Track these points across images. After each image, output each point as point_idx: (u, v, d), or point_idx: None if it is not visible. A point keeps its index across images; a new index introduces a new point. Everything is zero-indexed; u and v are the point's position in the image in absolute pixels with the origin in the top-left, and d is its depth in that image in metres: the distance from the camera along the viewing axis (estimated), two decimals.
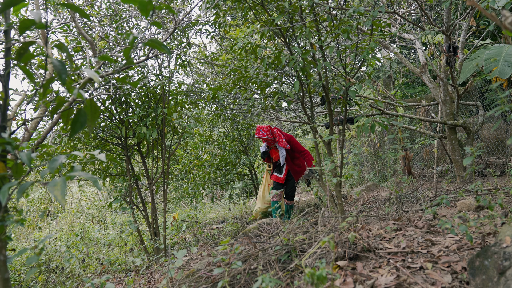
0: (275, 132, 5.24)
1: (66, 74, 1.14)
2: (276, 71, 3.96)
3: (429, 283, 1.63)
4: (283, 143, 5.21)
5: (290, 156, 5.37)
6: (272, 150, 5.50)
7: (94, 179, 1.19)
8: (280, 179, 5.53)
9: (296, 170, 5.37)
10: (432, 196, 3.93)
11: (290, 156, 5.37)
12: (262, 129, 5.12)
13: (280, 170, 5.55)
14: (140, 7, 1.20)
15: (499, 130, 6.07)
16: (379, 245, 2.19)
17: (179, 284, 2.30)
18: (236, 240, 3.15)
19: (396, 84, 9.36)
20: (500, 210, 2.68)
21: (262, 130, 5.12)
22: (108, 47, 4.53)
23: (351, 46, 3.15)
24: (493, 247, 1.51)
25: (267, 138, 5.10)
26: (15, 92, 3.33)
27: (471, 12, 4.53)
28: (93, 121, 1.25)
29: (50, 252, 5.10)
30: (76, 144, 4.76)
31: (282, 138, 5.23)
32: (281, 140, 5.23)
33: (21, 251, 1.37)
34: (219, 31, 5.22)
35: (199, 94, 5.54)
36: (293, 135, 12.60)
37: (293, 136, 5.70)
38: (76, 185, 11.86)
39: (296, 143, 5.38)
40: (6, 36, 1.24)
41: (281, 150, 5.24)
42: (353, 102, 3.48)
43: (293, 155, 5.38)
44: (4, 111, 1.26)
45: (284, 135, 5.37)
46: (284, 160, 5.25)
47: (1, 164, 1.17)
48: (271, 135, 5.13)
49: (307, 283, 1.35)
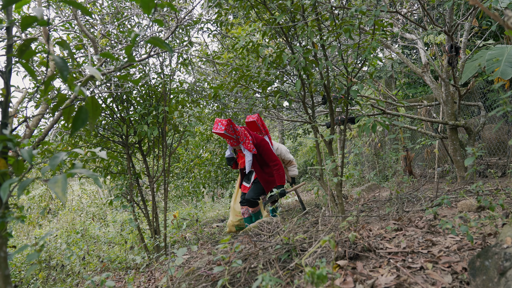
0: (239, 131, 4.28)
1: (67, 72, 1.14)
2: (278, 70, 3.96)
3: (430, 283, 1.63)
4: (249, 145, 4.28)
5: (260, 163, 4.48)
6: (239, 154, 4.69)
7: (95, 177, 1.19)
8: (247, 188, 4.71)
9: (267, 180, 4.46)
10: (433, 197, 3.93)
11: (259, 162, 4.48)
12: (220, 123, 4.14)
13: (248, 179, 4.75)
14: (142, 5, 1.20)
15: (500, 131, 6.06)
16: (380, 245, 2.19)
17: (179, 282, 2.30)
18: (237, 238, 3.15)
19: (397, 84, 9.34)
20: (501, 210, 2.68)
21: (220, 124, 4.14)
22: (109, 45, 4.53)
23: (353, 46, 3.14)
24: (494, 248, 1.50)
25: (226, 135, 4.17)
26: (17, 89, 3.33)
27: (473, 12, 4.51)
28: (94, 119, 1.25)
29: (50, 249, 5.11)
30: (77, 141, 4.77)
31: (248, 140, 4.29)
32: (247, 142, 4.29)
33: (21, 248, 1.37)
34: (221, 30, 5.22)
35: (200, 93, 5.53)
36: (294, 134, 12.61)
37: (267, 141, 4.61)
38: (77, 183, 11.88)
39: (268, 150, 4.43)
40: (8, 33, 1.24)
41: (246, 154, 4.34)
42: (354, 102, 3.48)
43: (264, 162, 4.49)
44: (6, 108, 1.26)
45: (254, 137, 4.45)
46: (250, 166, 4.33)
47: (2, 161, 1.17)
48: (231, 132, 4.18)
49: (307, 282, 1.35)
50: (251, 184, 4.60)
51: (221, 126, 4.09)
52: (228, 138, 4.22)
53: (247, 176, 4.77)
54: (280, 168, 4.36)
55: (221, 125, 4.10)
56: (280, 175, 4.33)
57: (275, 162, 4.39)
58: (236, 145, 4.30)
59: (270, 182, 4.44)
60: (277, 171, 4.35)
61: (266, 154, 4.41)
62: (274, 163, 4.39)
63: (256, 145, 4.39)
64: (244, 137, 4.26)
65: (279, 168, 4.36)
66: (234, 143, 4.28)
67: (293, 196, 8.37)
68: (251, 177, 4.66)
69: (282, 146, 5.27)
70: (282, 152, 5.23)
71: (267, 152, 4.42)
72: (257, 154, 4.38)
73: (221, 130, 4.08)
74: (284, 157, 5.24)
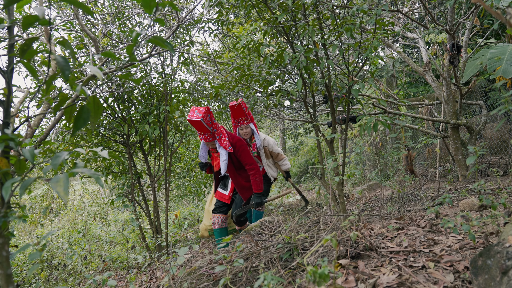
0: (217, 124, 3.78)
1: (69, 71, 1.14)
2: (279, 69, 3.96)
3: (431, 282, 1.63)
4: (225, 142, 3.74)
5: (235, 166, 3.91)
6: (214, 155, 4.08)
7: (96, 176, 1.19)
8: (225, 197, 4.06)
9: (243, 185, 3.88)
10: (434, 196, 3.93)
11: (234, 165, 3.91)
12: (197, 110, 3.57)
13: (225, 185, 4.14)
14: (144, 4, 1.20)
15: (502, 129, 6.05)
16: (381, 244, 2.19)
17: (181, 282, 2.30)
18: (238, 238, 3.15)
19: (399, 83, 9.33)
20: (503, 209, 2.67)
21: (197, 111, 3.56)
22: (111, 45, 4.54)
23: (354, 45, 3.14)
24: (496, 247, 1.50)
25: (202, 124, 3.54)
26: (18, 89, 3.34)
27: (475, 11, 4.50)
28: (96, 118, 1.25)
29: (52, 249, 5.12)
30: (78, 141, 4.78)
31: (224, 136, 3.78)
32: (223, 139, 3.76)
33: (23, 247, 1.38)
34: (222, 29, 5.22)
35: (202, 92, 5.54)
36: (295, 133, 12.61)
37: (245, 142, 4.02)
38: (79, 183, 11.90)
39: (244, 151, 3.85)
40: (9, 33, 1.24)
41: (221, 153, 3.75)
42: (355, 101, 3.48)
43: (240, 165, 3.95)
44: (7, 107, 1.26)
45: (230, 136, 3.92)
46: (225, 168, 3.75)
47: (4, 160, 1.17)
48: (208, 122, 3.61)
49: (309, 281, 1.35)
50: (229, 192, 4.00)
51: (198, 113, 3.51)
52: (203, 131, 3.61)
53: (223, 181, 4.16)
54: (257, 173, 3.79)
55: (198, 112, 3.53)
56: (257, 182, 3.76)
57: (251, 166, 3.80)
58: (211, 140, 3.69)
59: (246, 188, 3.86)
60: (254, 176, 3.77)
61: (241, 155, 3.83)
62: (250, 167, 3.80)
63: (232, 145, 3.85)
64: (220, 134, 3.74)
65: (256, 173, 3.78)
66: (209, 138, 3.67)
67: (295, 195, 8.36)
68: (227, 182, 4.07)
69: (269, 138, 4.84)
70: (270, 144, 4.78)
71: (243, 153, 3.84)
72: (232, 156, 3.83)
73: (198, 117, 3.48)
74: (272, 149, 4.80)
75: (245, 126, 4.45)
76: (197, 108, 3.59)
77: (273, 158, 4.85)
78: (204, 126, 3.56)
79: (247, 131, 4.44)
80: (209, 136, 3.67)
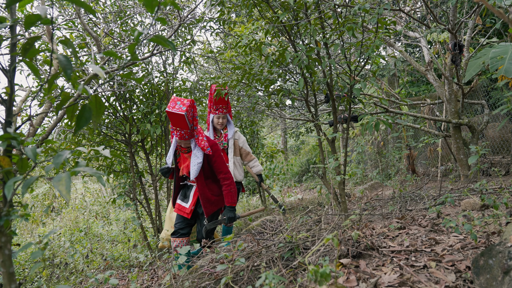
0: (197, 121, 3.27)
1: (71, 70, 1.14)
2: (281, 68, 3.96)
3: (433, 282, 1.63)
4: (203, 143, 3.22)
5: (205, 174, 3.32)
6: (183, 155, 3.37)
7: (98, 175, 1.19)
8: (186, 210, 3.36)
9: (209, 198, 3.29)
10: (436, 195, 3.92)
11: (205, 172, 3.31)
12: (181, 102, 3.00)
13: (186, 196, 3.42)
14: (146, 3, 1.20)
15: (504, 129, 6.04)
16: (383, 244, 2.19)
17: (182, 281, 2.31)
18: (239, 237, 3.15)
19: (400, 83, 9.32)
20: (505, 209, 2.67)
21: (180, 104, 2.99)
22: (113, 44, 4.55)
23: (356, 44, 3.14)
24: (497, 246, 1.50)
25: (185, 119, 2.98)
26: (20, 88, 3.34)
27: (477, 10, 4.49)
28: (98, 117, 1.25)
29: (54, 247, 5.14)
30: (80, 140, 4.79)
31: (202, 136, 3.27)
32: (201, 138, 3.25)
33: (25, 245, 1.38)
34: (223, 28, 5.22)
35: (203, 91, 5.54)
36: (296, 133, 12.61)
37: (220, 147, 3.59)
38: (80, 181, 11.92)
39: (220, 157, 3.33)
40: (12, 32, 1.24)
41: (196, 155, 3.19)
42: (357, 100, 3.47)
43: (211, 174, 3.38)
44: (10, 106, 1.26)
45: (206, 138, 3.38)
46: (197, 172, 3.17)
47: (7, 159, 1.18)
48: (190, 116, 3.08)
49: (310, 280, 1.35)
50: (190, 205, 3.32)
51: (182, 106, 2.95)
52: (181, 126, 3.04)
53: (183, 190, 3.45)
54: (232, 183, 3.31)
55: (182, 105, 2.97)
56: (232, 194, 3.27)
57: (227, 175, 3.31)
58: (187, 138, 3.13)
59: (211, 202, 3.29)
60: (228, 186, 3.28)
61: (217, 161, 3.29)
62: (225, 176, 3.30)
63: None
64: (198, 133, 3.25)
65: (231, 184, 3.30)
66: (185, 136, 3.11)
67: (296, 194, 8.36)
68: (189, 193, 3.39)
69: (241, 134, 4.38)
70: (241, 139, 4.30)
71: (219, 159, 3.31)
72: (205, 161, 3.29)
73: (181, 111, 2.92)
74: (243, 146, 4.28)
75: (223, 115, 4.10)
76: (180, 99, 3.02)
77: (242, 157, 4.36)
78: (186, 121, 3.01)
79: (223, 121, 4.10)
80: (186, 134, 3.11)
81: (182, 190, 3.46)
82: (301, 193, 9.55)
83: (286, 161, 13.24)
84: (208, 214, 3.26)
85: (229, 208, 3.27)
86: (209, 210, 3.27)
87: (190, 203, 3.33)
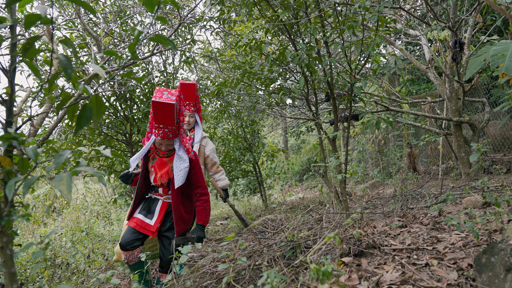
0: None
1: (71, 70, 1.14)
2: (281, 67, 3.95)
3: (435, 280, 1.62)
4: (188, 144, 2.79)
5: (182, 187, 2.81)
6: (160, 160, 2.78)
7: (99, 175, 1.19)
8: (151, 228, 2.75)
9: (182, 216, 2.79)
10: (437, 193, 3.92)
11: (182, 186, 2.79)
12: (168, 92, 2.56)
13: (150, 210, 2.83)
14: (146, 2, 1.20)
15: (505, 127, 6.03)
16: (384, 242, 2.19)
17: (184, 280, 2.31)
18: (241, 236, 3.15)
19: (401, 81, 9.31)
20: (507, 207, 2.66)
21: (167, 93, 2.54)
22: (113, 44, 4.55)
23: (356, 42, 3.13)
24: (499, 244, 1.50)
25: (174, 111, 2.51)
26: (21, 88, 3.35)
27: (477, 7, 4.49)
28: (98, 117, 1.25)
29: (55, 247, 5.14)
30: (81, 140, 4.79)
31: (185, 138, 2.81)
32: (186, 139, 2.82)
33: (27, 245, 1.38)
34: (223, 28, 5.21)
35: (204, 91, 5.54)
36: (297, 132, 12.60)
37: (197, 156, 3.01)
38: (81, 182, 11.94)
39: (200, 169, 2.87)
40: (12, 32, 1.24)
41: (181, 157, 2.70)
42: (358, 99, 3.47)
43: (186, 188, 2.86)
44: (10, 106, 1.26)
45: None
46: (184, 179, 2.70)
47: (8, 159, 1.18)
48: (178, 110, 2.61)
49: (312, 279, 1.34)
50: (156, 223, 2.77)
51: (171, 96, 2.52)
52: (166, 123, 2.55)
53: (146, 204, 2.87)
54: (208, 201, 2.88)
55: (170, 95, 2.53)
56: (207, 211, 2.85)
57: (206, 190, 2.88)
58: (171, 137, 2.63)
59: (184, 220, 2.81)
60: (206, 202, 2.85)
61: (197, 174, 2.84)
62: (204, 191, 2.86)
63: None
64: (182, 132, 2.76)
65: (207, 201, 2.87)
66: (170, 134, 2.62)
67: (297, 193, 8.36)
68: (154, 208, 2.83)
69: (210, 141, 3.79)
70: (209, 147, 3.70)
71: (199, 172, 2.85)
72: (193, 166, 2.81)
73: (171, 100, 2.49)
74: (209, 154, 3.69)
75: (190, 114, 3.45)
76: (167, 89, 2.57)
77: (207, 167, 3.75)
78: (174, 115, 2.53)
79: (190, 120, 3.47)
80: (170, 132, 2.61)
81: (144, 204, 2.88)
82: (302, 192, 9.55)
83: (287, 160, 13.25)
84: (179, 234, 2.78)
85: (200, 226, 2.81)
86: (181, 228, 2.77)
87: (155, 219, 2.78)
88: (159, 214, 2.80)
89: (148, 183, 2.87)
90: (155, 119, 2.55)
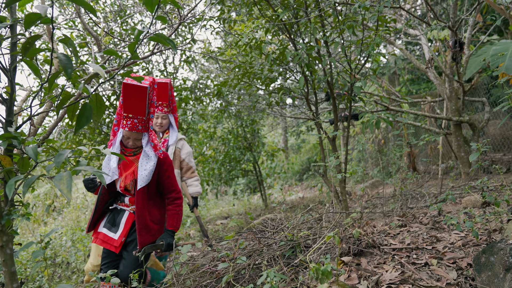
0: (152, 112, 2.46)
1: (71, 69, 1.14)
2: (281, 67, 3.95)
3: (434, 279, 1.63)
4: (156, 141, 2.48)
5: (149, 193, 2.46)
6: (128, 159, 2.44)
7: (99, 174, 1.19)
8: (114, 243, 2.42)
9: (148, 226, 2.41)
10: (437, 193, 3.92)
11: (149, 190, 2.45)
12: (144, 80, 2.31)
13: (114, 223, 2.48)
14: (146, 1, 1.20)
15: (505, 126, 6.03)
16: (384, 241, 2.19)
17: (184, 279, 2.31)
18: (241, 235, 3.15)
19: (401, 80, 9.31)
20: (506, 206, 2.67)
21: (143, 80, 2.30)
22: (113, 43, 4.54)
23: (356, 42, 3.13)
24: (499, 244, 1.50)
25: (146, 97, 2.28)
26: (21, 88, 3.35)
27: (477, 7, 4.49)
28: (99, 116, 1.26)
29: (55, 246, 5.15)
30: (81, 139, 4.79)
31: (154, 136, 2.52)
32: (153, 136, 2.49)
33: (27, 244, 1.38)
34: (223, 27, 5.21)
35: (204, 90, 5.54)
36: (297, 131, 12.58)
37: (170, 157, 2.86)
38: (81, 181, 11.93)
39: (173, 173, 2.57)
40: (12, 31, 1.24)
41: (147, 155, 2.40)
42: (358, 98, 3.47)
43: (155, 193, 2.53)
44: (10, 106, 1.26)
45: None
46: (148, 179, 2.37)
47: (8, 158, 1.18)
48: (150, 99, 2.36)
49: (312, 278, 1.35)
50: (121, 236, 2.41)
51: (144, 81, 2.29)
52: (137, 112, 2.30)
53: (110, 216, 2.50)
54: (181, 205, 2.58)
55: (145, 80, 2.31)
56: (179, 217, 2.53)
57: (179, 195, 2.57)
58: (140, 130, 2.34)
59: (150, 231, 2.42)
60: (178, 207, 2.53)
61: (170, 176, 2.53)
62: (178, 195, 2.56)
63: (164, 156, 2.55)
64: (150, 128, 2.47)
65: (180, 205, 2.56)
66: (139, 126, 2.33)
67: (297, 192, 8.36)
68: (120, 220, 2.47)
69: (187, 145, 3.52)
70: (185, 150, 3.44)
71: (173, 174, 2.55)
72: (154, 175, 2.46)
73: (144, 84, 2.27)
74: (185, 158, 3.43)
75: (163, 115, 3.15)
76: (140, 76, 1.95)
77: (182, 172, 3.47)
78: (145, 102, 2.29)
79: (163, 122, 3.16)
80: (139, 123, 2.33)
81: (109, 215, 2.51)
82: (302, 191, 9.55)
83: (287, 160, 13.25)
84: (143, 245, 2.36)
85: (170, 232, 2.48)
86: (145, 240, 2.37)
87: (120, 233, 2.42)
88: (124, 227, 2.45)
89: (113, 190, 2.48)
90: (124, 107, 2.29)
